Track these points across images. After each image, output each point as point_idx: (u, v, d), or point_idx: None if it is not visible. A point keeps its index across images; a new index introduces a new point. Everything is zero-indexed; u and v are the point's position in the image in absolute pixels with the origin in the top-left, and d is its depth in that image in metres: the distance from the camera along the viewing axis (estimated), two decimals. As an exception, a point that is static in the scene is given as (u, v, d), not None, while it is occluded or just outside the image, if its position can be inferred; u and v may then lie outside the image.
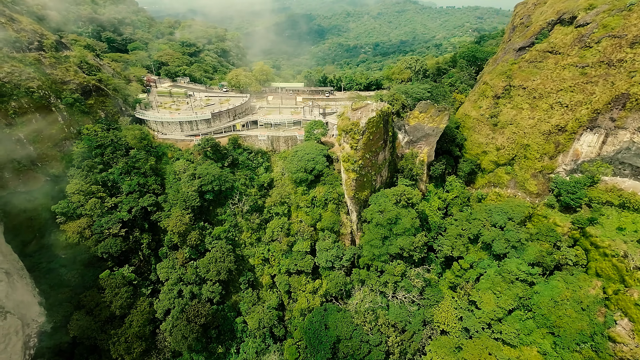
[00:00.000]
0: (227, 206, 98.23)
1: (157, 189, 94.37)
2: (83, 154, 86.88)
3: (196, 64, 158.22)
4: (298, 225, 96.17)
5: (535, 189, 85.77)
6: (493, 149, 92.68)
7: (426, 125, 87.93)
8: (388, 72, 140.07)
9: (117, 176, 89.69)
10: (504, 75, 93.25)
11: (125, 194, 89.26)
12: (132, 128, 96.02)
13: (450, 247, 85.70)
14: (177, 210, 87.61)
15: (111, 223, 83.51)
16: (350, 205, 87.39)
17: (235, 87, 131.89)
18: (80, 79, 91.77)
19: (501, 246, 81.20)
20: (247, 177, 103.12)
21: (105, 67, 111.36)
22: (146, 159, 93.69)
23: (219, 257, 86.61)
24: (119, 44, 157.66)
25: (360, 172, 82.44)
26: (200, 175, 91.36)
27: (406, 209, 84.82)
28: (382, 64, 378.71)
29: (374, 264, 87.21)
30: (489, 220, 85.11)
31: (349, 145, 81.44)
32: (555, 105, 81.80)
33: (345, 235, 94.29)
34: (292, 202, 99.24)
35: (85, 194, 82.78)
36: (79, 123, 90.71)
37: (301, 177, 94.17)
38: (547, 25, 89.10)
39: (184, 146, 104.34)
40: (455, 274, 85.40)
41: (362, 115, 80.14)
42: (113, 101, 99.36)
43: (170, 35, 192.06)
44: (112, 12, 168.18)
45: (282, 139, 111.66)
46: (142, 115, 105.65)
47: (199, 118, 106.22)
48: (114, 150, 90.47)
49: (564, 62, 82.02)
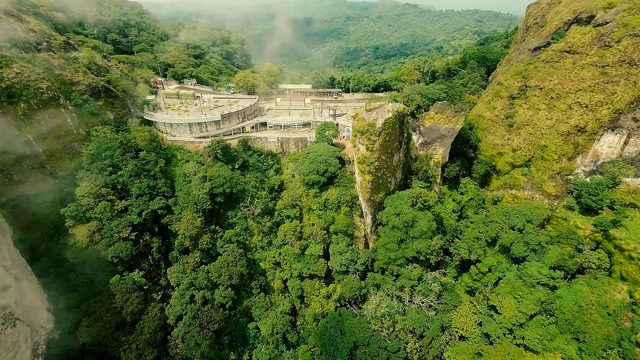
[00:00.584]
0: (237, 209, 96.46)
1: (167, 191, 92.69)
2: (92, 156, 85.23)
3: (203, 65, 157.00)
4: (310, 228, 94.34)
5: (553, 191, 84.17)
6: (509, 150, 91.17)
7: (442, 126, 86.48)
8: (397, 74, 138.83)
9: (126, 179, 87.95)
10: (520, 75, 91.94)
11: (135, 196, 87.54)
12: (142, 130, 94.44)
13: (467, 250, 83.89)
14: (188, 213, 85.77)
15: (121, 226, 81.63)
16: (365, 207, 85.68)
17: (243, 89, 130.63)
18: (90, 80, 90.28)
19: (520, 249, 79.54)
20: (258, 180, 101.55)
21: (113, 68, 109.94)
22: (156, 161, 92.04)
23: (231, 261, 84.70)
24: (124, 45, 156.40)
25: (376, 173, 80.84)
26: (211, 177, 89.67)
27: (422, 212, 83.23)
28: (384, 66, 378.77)
29: (390, 267, 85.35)
30: (506, 222, 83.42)
31: (365, 147, 79.87)
32: (574, 105, 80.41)
33: (359, 239, 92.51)
34: (303, 204, 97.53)
35: (95, 197, 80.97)
36: (87, 125, 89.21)
37: (313, 179, 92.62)
38: (563, 25, 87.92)
39: (194, 148, 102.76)
40: (473, 277, 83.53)
41: (378, 116, 78.63)
42: (122, 103, 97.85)
43: (175, 37, 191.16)
44: (117, 14, 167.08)
45: (292, 141, 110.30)
46: (150, 117, 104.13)
47: (209, 120, 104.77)
48: (123, 152, 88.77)
49: (583, 61, 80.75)
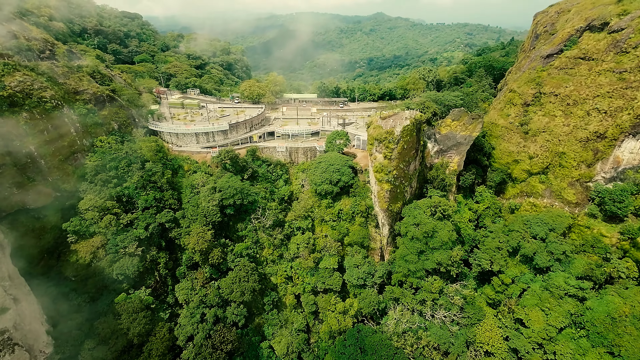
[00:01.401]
0: (247, 221, 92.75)
1: (174, 204, 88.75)
2: (97, 168, 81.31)
3: (207, 75, 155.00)
4: (323, 240, 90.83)
5: (573, 198, 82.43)
6: (525, 158, 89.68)
7: (458, 134, 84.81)
8: (402, 83, 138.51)
9: (132, 191, 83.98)
10: (533, 82, 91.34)
11: (141, 209, 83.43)
12: (148, 140, 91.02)
13: (489, 261, 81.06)
14: (198, 227, 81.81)
15: (127, 241, 77.24)
16: (382, 218, 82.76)
17: (248, 99, 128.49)
18: (94, 89, 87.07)
19: (544, 259, 77.08)
20: (267, 190, 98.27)
21: (116, 77, 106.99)
22: (162, 172, 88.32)
23: (243, 276, 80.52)
24: (125, 56, 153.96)
25: (394, 182, 78.30)
26: (221, 188, 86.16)
27: (442, 222, 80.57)
28: (379, 77, 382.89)
29: (409, 280, 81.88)
30: (528, 231, 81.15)
31: (383, 155, 77.53)
32: (592, 111, 79.53)
33: (375, 250, 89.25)
34: (315, 215, 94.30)
35: (100, 211, 76.76)
36: (91, 135, 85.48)
37: (326, 189, 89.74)
38: (575, 32, 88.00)
39: (200, 158, 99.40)
40: (496, 289, 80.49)
41: (395, 124, 76.62)
42: (127, 112, 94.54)
43: (175, 49, 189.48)
44: (118, 25, 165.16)
45: (301, 150, 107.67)
46: (155, 127, 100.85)
47: (216, 129, 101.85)
48: (129, 163, 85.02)
49: (599, 68, 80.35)
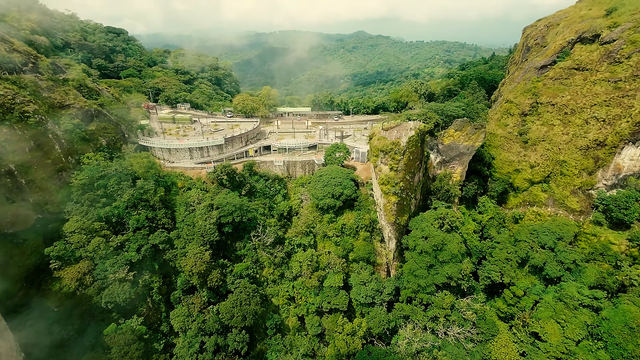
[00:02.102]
0: (246, 240, 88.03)
1: (168, 223, 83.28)
2: (83, 187, 75.48)
3: (198, 89, 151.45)
4: (327, 257, 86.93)
5: (577, 206, 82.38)
6: (526, 167, 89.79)
7: (461, 144, 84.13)
8: (395, 95, 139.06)
9: (122, 211, 78.21)
10: (529, 92, 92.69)
11: (132, 230, 77.60)
12: (139, 156, 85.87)
13: (499, 273, 79.14)
14: (195, 247, 76.55)
15: (117, 266, 71.08)
16: (389, 232, 79.98)
17: (241, 112, 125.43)
18: (81, 103, 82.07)
19: (554, 269, 75.86)
20: (266, 206, 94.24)
21: (104, 91, 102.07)
22: (155, 189, 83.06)
23: (244, 299, 75.21)
24: (110, 71, 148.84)
25: (401, 194, 76.05)
26: (218, 205, 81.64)
27: (450, 234, 78.62)
28: (364, 92, 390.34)
29: (418, 296, 78.65)
30: (535, 241, 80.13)
31: (389, 167, 75.46)
32: (590, 120, 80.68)
33: (381, 266, 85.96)
34: (317, 231, 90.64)
35: (87, 233, 70.67)
36: (78, 152, 79.89)
37: (328, 204, 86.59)
38: (567, 44, 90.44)
39: (195, 174, 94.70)
40: (508, 302, 78.32)
41: (401, 134, 75.07)
42: (116, 127, 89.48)
43: (163, 64, 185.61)
44: (103, 40, 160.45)
45: (299, 164, 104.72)
46: (146, 143, 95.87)
47: (211, 144, 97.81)
48: (119, 181, 79.53)
49: (594, 77, 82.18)
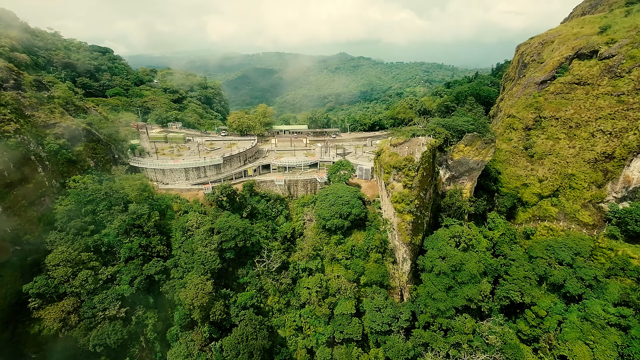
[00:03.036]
0: (248, 266, 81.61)
1: (163, 250, 76.06)
2: (69, 213, 68.06)
3: (190, 108, 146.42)
4: (336, 281, 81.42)
5: (590, 220, 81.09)
6: (535, 181, 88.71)
7: (471, 159, 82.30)
8: (392, 112, 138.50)
9: (113, 238, 70.85)
10: (532, 107, 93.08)
11: (124, 260, 70.07)
12: (131, 178, 79.37)
13: (518, 292, 75.65)
14: (195, 277, 69.63)
15: (108, 301, 63.12)
16: (404, 253, 75.69)
17: (237, 131, 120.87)
18: (68, 122, 75.60)
19: (575, 286, 73.19)
20: (268, 229, 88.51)
21: (92, 110, 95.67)
22: (149, 214, 76.13)
23: (250, 333, 68.24)
24: (96, 89, 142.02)
25: (416, 213, 72.49)
26: (220, 229, 75.50)
27: (467, 253, 75.20)
28: (349, 110, 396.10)
29: (437, 321, 73.81)
30: (552, 257, 77.74)
31: (402, 184, 72.12)
32: (596, 133, 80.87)
33: (394, 289, 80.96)
34: (324, 254, 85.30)
35: (73, 265, 62.86)
36: (63, 174, 72.77)
37: (337, 224, 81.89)
38: (565, 60, 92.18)
39: (191, 196, 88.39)
40: (530, 324, 74.53)
41: (414, 150, 72.37)
42: (105, 148, 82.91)
43: (150, 82, 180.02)
44: (87, 58, 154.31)
45: (301, 183, 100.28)
46: (138, 164, 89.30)
47: (209, 164, 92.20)
48: (109, 205, 72.54)
49: (596, 91, 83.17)
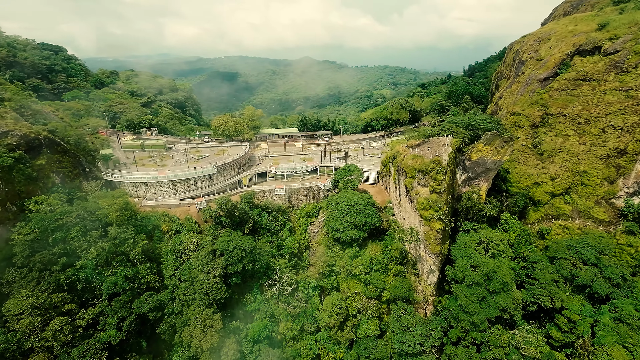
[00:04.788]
0: (255, 291, 70.99)
1: (154, 280, 63.27)
2: (32, 244, 53.79)
3: (165, 113, 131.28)
4: (355, 300, 73.36)
5: (605, 217, 79.97)
6: (547, 179, 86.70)
7: (489, 159, 78.13)
8: (386, 113, 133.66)
9: (91, 271, 57.26)
10: (537, 104, 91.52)
11: (107, 297, 56.72)
12: (109, 195, 65.85)
13: (548, 297, 72.09)
14: (198, 311, 58.10)
15: (91, 355, 49.89)
16: (432, 264, 69.28)
17: (223, 136, 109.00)
18: (25, 130, 60.73)
19: (603, 286, 70.98)
20: (273, 245, 78.50)
21: (51, 115, 79.83)
22: (134, 238, 63.19)
23: (269, 372, 58.01)
24: (50, 92, 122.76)
25: (445, 220, 66.43)
26: (223, 251, 64.46)
27: (496, 259, 70.57)
28: (320, 113, 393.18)
29: (470, 335, 68.10)
30: (575, 257, 75.35)
31: (429, 189, 65.74)
32: (607, 128, 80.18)
33: (419, 304, 74.39)
34: (339, 269, 76.98)
35: (42, 312, 48.95)
36: (21, 195, 57.97)
37: (352, 236, 74.14)
38: (566, 57, 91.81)
39: (182, 213, 76.00)
40: (562, 329, 71.12)
41: (440, 151, 66.37)
42: (73, 160, 68.31)
43: (113, 84, 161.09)
44: (37, 57, 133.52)
45: (302, 191, 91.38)
46: (114, 177, 75.26)
47: (199, 174, 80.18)
48: (84, 231, 58.76)
49: (603, 87, 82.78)
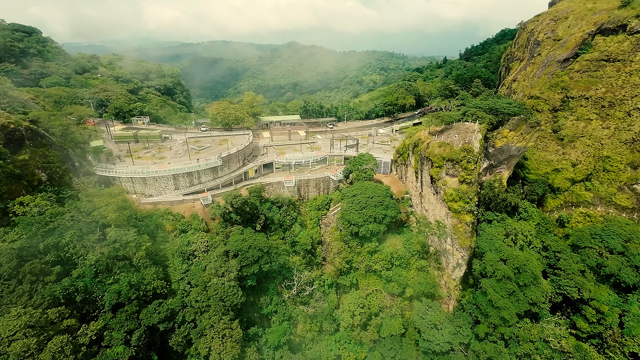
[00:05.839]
0: (271, 292, 65.78)
1: (161, 286, 57.02)
2: (20, 252, 46.58)
3: (157, 100, 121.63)
4: (376, 297, 69.29)
5: (628, 203, 77.55)
6: (568, 165, 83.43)
7: (514, 146, 73.73)
8: (391, 98, 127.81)
9: (90, 280, 50.61)
10: (557, 87, 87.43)
11: (111, 309, 50.36)
12: (105, 193, 58.51)
13: (575, 288, 69.60)
14: (215, 319, 52.52)
15: (97, 376, 43.97)
16: (460, 258, 65.34)
17: (221, 124, 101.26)
18: (3, 120, 52.36)
19: (630, 275, 68.88)
20: (287, 242, 73.05)
21: (30, 103, 70.66)
22: (137, 241, 56.48)
23: (294, 381, 53.48)
24: (26, 78, 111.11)
25: (475, 212, 62.14)
26: (237, 251, 58.59)
27: (525, 251, 67.26)
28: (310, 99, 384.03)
29: (498, 330, 65.26)
30: (601, 245, 72.90)
31: (458, 179, 61.05)
32: (633, 111, 76.92)
33: (443, 299, 70.87)
34: (357, 264, 72.44)
35: (38, 332, 42.38)
36: (2, 196, 50.19)
37: (372, 230, 69.36)
38: (588, 36, 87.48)
39: (186, 210, 69.29)
40: (590, 320, 69.04)
41: (471, 138, 61.41)
42: (61, 154, 60.23)
43: (95, 70, 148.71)
44: (9, 39, 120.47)
45: (313, 183, 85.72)
46: (108, 172, 67.50)
47: (203, 167, 73.15)
48: (79, 235, 51.73)
49: (629, 68, 79.06)
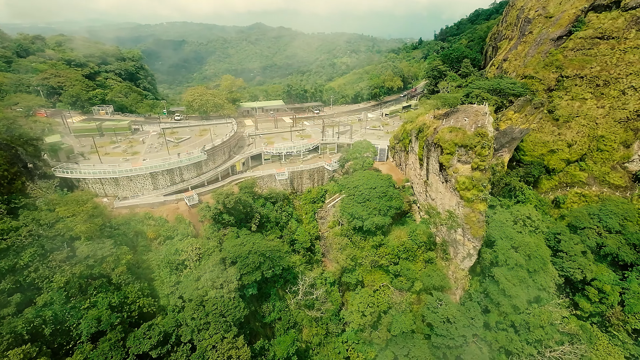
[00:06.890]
0: (273, 298, 59.74)
1: (149, 304, 49.13)
2: (-36, 283, 36.84)
3: (121, 86, 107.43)
4: (384, 293, 65.50)
5: (621, 182, 78.50)
6: (563, 146, 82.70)
7: (517, 128, 71.39)
8: (378, 81, 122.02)
9: (60, 307, 41.76)
10: (552, 66, 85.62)
11: (89, 339, 42.06)
12: (71, 199, 48.65)
13: (579, 270, 69.56)
14: (216, 338, 45.79)
15: None
16: (471, 248, 62.38)
17: (197, 112, 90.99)
18: None
19: (629, 253, 69.93)
20: (284, 241, 66.80)
21: (-39, 92, 57.43)
22: (115, 254, 47.72)
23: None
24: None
25: (487, 200, 58.92)
26: (236, 258, 51.60)
27: (533, 236, 65.70)
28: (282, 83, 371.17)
29: (508, 318, 63.95)
30: (599, 225, 73.33)
31: (471, 166, 57.10)
32: (627, 90, 76.62)
33: (451, 290, 68.38)
34: (362, 260, 67.93)
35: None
36: None
37: (377, 223, 65.01)
38: (581, 13, 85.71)
39: (170, 212, 60.62)
40: (593, 300, 69.63)
41: (484, 122, 57.25)
42: (7, 153, 49.08)
43: (41, 52, 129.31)
44: None
45: (306, 174, 79.46)
46: (71, 173, 56.84)
47: (186, 162, 64.08)
48: (41, 254, 42.31)
49: (624, 45, 78.23)
